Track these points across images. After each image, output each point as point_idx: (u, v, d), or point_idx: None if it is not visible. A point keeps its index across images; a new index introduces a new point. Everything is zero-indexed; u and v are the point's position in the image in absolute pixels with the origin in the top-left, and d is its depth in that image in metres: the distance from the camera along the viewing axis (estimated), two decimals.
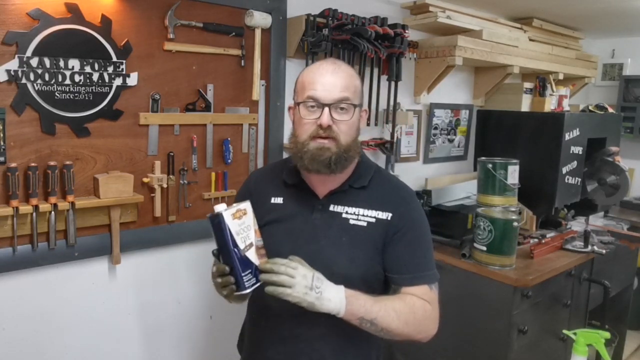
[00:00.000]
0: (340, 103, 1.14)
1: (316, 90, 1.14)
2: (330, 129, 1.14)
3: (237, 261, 1.05)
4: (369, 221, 1.20)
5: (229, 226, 1.04)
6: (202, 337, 2.15)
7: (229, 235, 1.04)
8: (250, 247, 1.07)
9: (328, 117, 1.13)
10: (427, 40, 2.61)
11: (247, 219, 1.09)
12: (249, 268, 1.06)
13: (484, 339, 2.17)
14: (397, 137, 2.60)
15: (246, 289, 1.06)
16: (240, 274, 1.05)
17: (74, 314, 1.78)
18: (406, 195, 1.26)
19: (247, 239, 1.07)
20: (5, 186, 1.54)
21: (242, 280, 1.05)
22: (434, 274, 1.23)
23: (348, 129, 1.16)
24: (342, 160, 1.16)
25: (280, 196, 1.27)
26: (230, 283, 1.06)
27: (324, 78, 1.14)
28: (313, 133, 1.15)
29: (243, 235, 1.07)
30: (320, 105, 1.14)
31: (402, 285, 1.21)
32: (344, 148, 1.15)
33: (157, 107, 1.81)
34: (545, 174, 2.70)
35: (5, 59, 1.50)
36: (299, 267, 1.06)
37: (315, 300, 1.04)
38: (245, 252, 1.06)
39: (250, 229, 1.09)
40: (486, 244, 2.15)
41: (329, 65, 1.17)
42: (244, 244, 1.06)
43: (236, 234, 1.05)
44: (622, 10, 2.75)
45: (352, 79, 1.18)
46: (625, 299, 2.94)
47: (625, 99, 3.62)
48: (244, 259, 1.06)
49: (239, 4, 1.95)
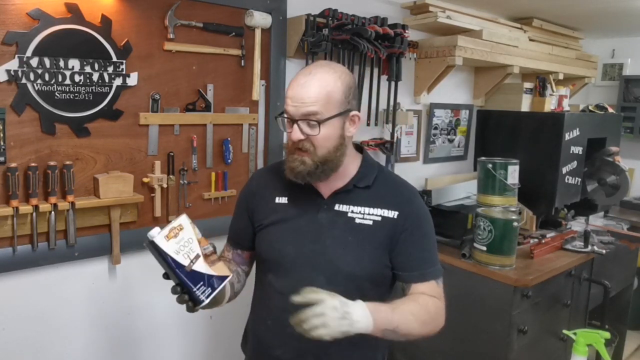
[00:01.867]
0: (307, 118, 1.12)
1: (288, 105, 1.14)
2: (302, 143, 1.14)
3: (185, 279, 1.06)
4: (374, 220, 1.20)
5: (164, 249, 1.05)
6: (202, 337, 2.15)
7: (169, 257, 1.05)
8: (197, 259, 1.08)
9: (297, 133, 1.13)
10: (427, 40, 2.61)
11: (185, 233, 1.08)
12: (200, 280, 1.07)
13: (484, 339, 2.17)
14: (397, 137, 2.60)
15: (203, 302, 1.07)
16: (192, 290, 1.06)
17: (74, 314, 1.78)
18: (410, 193, 1.27)
19: (190, 253, 1.08)
20: (5, 186, 1.54)
21: (196, 294, 1.06)
22: (439, 269, 1.26)
23: (322, 141, 1.14)
24: (318, 172, 1.16)
25: (284, 196, 1.27)
26: (185, 301, 1.08)
27: (295, 91, 1.13)
28: (291, 147, 1.17)
29: (184, 251, 1.07)
30: (291, 121, 1.14)
31: (411, 282, 1.22)
32: (320, 160, 1.15)
33: (157, 107, 1.81)
34: (545, 174, 2.70)
35: (5, 59, 1.50)
36: (326, 300, 1.01)
37: (348, 328, 1.01)
38: (192, 267, 1.07)
39: (192, 241, 1.09)
40: (486, 244, 2.15)
41: (301, 77, 1.13)
42: (188, 259, 1.07)
43: (175, 253, 1.06)
44: (622, 10, 2.75)
45: (325, 88, 1.12)
46: (625, 299, 2.94)
47: (625, 99, 3.62)
48: (191, 274, 1.06)
49: (239, 4, 1.95)
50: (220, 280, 1.11)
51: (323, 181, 1.20)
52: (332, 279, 1.18)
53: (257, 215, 1.30)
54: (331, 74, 1.14)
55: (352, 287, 1.18)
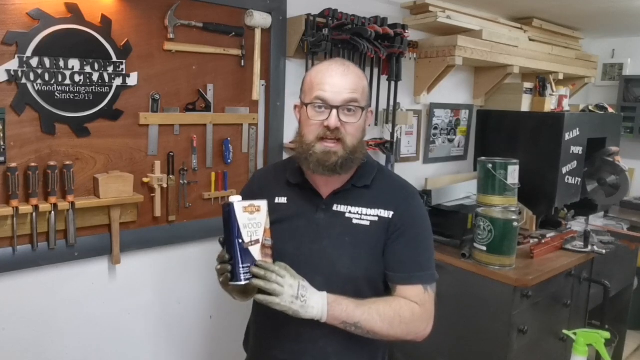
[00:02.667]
0: (348, 105, 1.14)
1: (325, 91, 1.13)
2: (338, 131, 1.14)
3: (238, 252, 1.07)
4: (372, 220, 1.20)
5: (237, 217, 1.07)
6: (202, 337, 2.15)
7: (236, 225, 1.07)
8: (256, 244, 1.09)
9: (336, 119, 1.13)
10: (427, 40, 2.61)
11: (260, 216, 1.11)
12: (249, 262, 1.08)
13: (484, 339, 2.17)
14: (397, 137, 2.60)
15: (241, 280, 1.07)
16: (238, 265, 1.07)
17: (74, 314, 1.78)
18: (408, 194, 1.26)
19: (254, 235, 1.09)
20: (5, 186, 1.54)
21: (239, 271, 1.07)
22: (432, 275, 1.22)
23: (355, 131, 1.16)
24: (348, 163, 1.16)
25: (284, 196, 1.27)
26: (226, 271, 1.09)
27: (333, 79, 1.14)
28: (320, 134, 1.15)
29: (251, 229, 1.09)
30: (329, 107, 1.13)
31: (397, 283, 1.20)
32: (351, 150, 1.16)
33: (157, 107, 1.81)
34: (545, 174, 2.70)
35: (5, 59, 1.50)
36: (287, 277, 1.08)
37: (299, 309, 1.07)
38: (249, 246, 1.08)
39: (261, 226, 1.11)
40: (486, 244, 2.15)
41: (338, 67, 1.16)
42: (250, 238, 1.09)
43: (243, 226, 1.08)
44: (622, 10, 2.75)
45: (360, 80, 1.17)
46: (625, 299, 2.94)
47: (625, 99, 3.61)
48: (245, 251, 1.08)
49: (239, 4, 1.95)
50: None
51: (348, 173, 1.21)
52: (331, 279, 1.18)
53: None
54: (359, 70, 1.20)
55: (350, 288, 1.18)
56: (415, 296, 1.19)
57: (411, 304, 1.17)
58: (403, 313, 1.15)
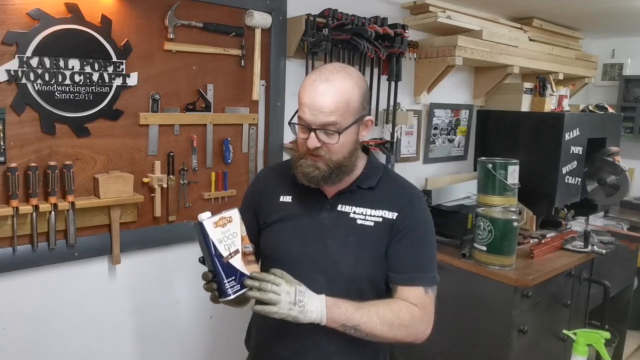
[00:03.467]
0: (325, 128, 1.12)
1: (304, 112, 1.13)
2: (318, 150, 1.14)
3: (220, 269, 1.07)
4: (376, 221, 1.20)
5: (210, 234, 1.07)
6: (202, 337, 2.15)
7: (211, 243, 1.07)
8: (236, 254, 1.09)
9: (314, 140, 1.12)
10: (427, 40, 2.61)
11: (233, 226, 1.10)
12: (233, 275, 1.08)
13: (484, 339, 2.17)
14: (397, 137, 2.60)
15: (229, 296, 1.07)
16: (222, 281, 1.07)
17: (74, 314, 1.78)
18: (413, 196, 1.26)
19: (232, 246, 1.09)
20: (5, 186, 1.54)
21: (225, 287, 1.07)
22: (433, 277, 1.22)
23: (338, 148, 1.14)
24: (332, 177, 1.16)
25: (289, 195, 1.27)
26: (213, 289, 1.08)
27: (313, 99, 1.11)
28: (304, 152, 1.16)
29: (227, 242, 1.08)
30: (307, 129, 1.13)
31: (397, 284, 1.21)
32: (335, 165, 1.16)
33: (157, 107, 1.81)
34: (545, 174, 2.70)
35: (5, 59, 1.50)
36: (282, 284, 1.07)
37: (298, 314, 1.07)
38: (229, 260, 1.08)
39: (237, 235, 1.10)
40: (486, 244, 2.15)
41: (320, 83, 1.11)
42: (228, 251, 1.08)
43: (218, 241, 1.07)
44: (622, 10, 2.75)
45: (342, 96, 1.11)
46: (625, 299, 2.94)
47: (625, 99, 3.61)
48: (227, 266, 1.07)
49: (239, 4, 1.95)
50: None
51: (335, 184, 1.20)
52: (333, 279, 1.18)
53: (262, 213, 1.30)
54: (348, 80, 1.13)
55: (352, 288, 1.19)
56: (416, 298, 1.19)
57: (410, 306, 1.18)
58: (402, 315, 1.15)
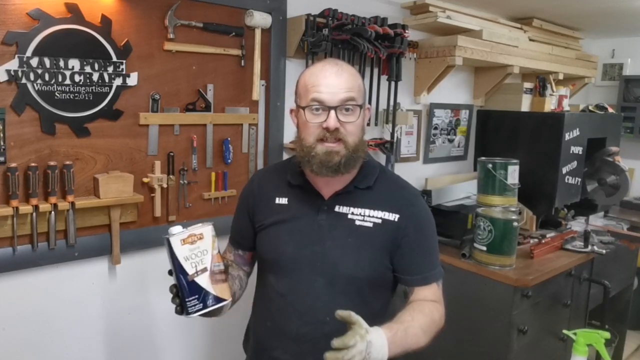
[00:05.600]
0: (345, 104, 1.12)
1: (321, 92, 1.12)
2: (338, 131, 1.12)
3: (184, 286, 1.06)
4: (375, 222, 1.20)
5: (176, 251, 1.05)
6: (202, 336, 2.15)
7: (176, 260, 1.06)
8: (203, 272, 1.07)
9: (335, 120, 1.11)
10: (427, 40, 2.61)
11: (203, 244, 1.07)
12: (196, 294, 1.06)
13: (484, 339, 2.17)
14: (397, 137, 2.60)
15: (188, 314, 1.06)
16: (184, 299, 1.06)
17: (74, 314, 1.78)
18: (412, 196, 1.26)
19: (199, 264, 1.07)
20: (5, 186, 1.54)
21: (186, 304, 1.06)
22: (440, 271, 1.27)
23: (355, 129, 1.15)
24: (351, 162, 1.15)
25: (284, 197, 1.26)
26: (176, 304, 1.09)
27: (328, 80, 1.12)
28: (319, 136, 1.13)
29: (194, 260, 1.07)
30: (326, 108, 1.12)
31: (413, 285, 1.23)
32: (352, 149, 1.14)
33: (157, 107, 1.81)
34: (545, 174, 2.70)
35: (5, 59, 1.50)
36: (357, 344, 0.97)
37: None
38: (194, 278, 1.06)
39: (207, 253, 1.08)
40: (486, 244, 2.15)
41: (331, 67, 1.14)
42: (194, 269, 1.06)
43: (184, 259, 1.06)
44: (622, 10, 2.75)
45: (355, 78, 1.16)
46: (625, 299, 2.94)
47: (625, 99, 3.61)
48: (191, 284, 1.06)
49: (239, 4, 1.95)
50: (216, 301, 1.09)
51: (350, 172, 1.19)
52: (332, 281, 1.18)
53: (258, 216, 1.29)
54: (352, 68, 1.19)
55: (352, 290, 1.18)
56: (433, 294, 1.23)
57: (435, 304, 1.22)
58: (434, 315, 1.19)
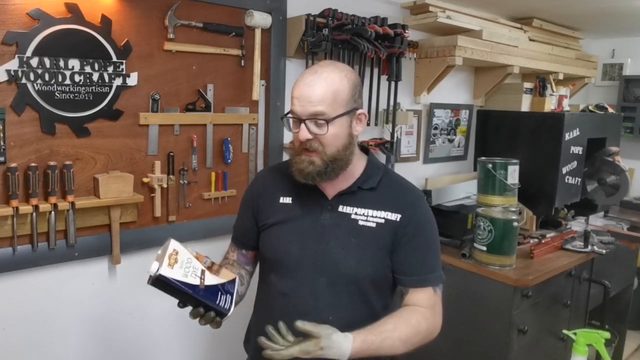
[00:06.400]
0: (314, 118, 1.12)
1: (294, 105, 1.14)
2: (310, 143, 1.13)
3: (203, 298, 1.05)
4: (378, 222, 1.20)
5: (173, 278, 1.03)
6: (202, 336, 2.15)
7: (179, 283, 1.03)
8: (204, 274, 1.08)
9: (305, 132, 1.12)
10: (427, 40, 2.61)
11: (182, 255, 1.08)
12: (217, 292, 1.07)
13: (484, 339, 2.17)
14: (397, 137, 2.60)
15: (229, 310, 1.06)
16: (215, 305, 1.06)
17: (74, 314, 1.78)
18: (415, 197, 1.26)
19: (196, 271, 1.07)
20: (5, 186, 1.54)
21: (220, 307, 1.06)
22: (440, 276, 1.25)
23: (331, 140, 1.14)
24: (327, 172, 1.16)
25: (289, 196, 1.27)
26: (212, 318, 1.08)
27: (301, 91, 1.13)
28: (299, 147, 1.16)
29: (189, 270, 1.06)
30: (298, 121, 1.14)
31: (408, 286, 1.22)
32: (329, 159, 1.14)
33: (157, 107, 1.81)
34: (545, 174, 2.70)
35: (5, 59, 1.50)
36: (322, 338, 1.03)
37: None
38: (204, 283, 1.06)
39: (192, 260, 1.08)
40: (486, 244, 2.15)
41: (307, 77, 1.14)
42: (198, 277, 1.06)
43: (184, 276, 1.04)
44: (622, 10, 2.75)
45: (331, 87, 1.12)
46: (625, 299, 2.94)
47: (625, 99, 3.61)
48: (206, 290, 1.06)
49: (239, 4, 1.95)
50: (232, 283, 1.11)
51: (332, 180, 1.19)
52: (334, 280, 1.18)
53: (262, 215, 1.30)
54: (337, 72, 1.14)
55: (354, 289, 1.19)
56: (427, 299, 1.21)
57: (425, 312, 1.19)
58: (421, 326, 1.16)
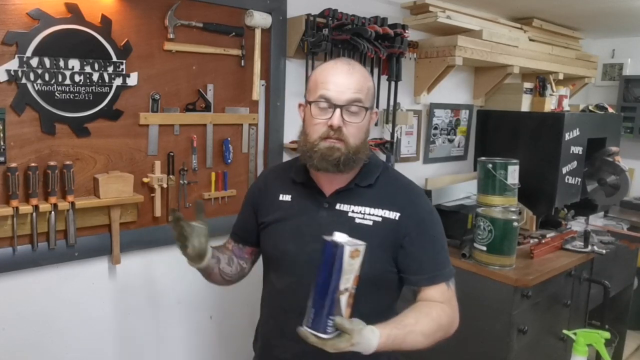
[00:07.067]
0: (351, 105, 1.13)
1: (329, 90, 1.12)
2: (340, 131, 1.13)
3: (329, 301, 0.95)
4: (375, 220, 1.19)
5: (344, 263, 0.94)
6: (202, 337, 2.15)
7: (338, 272, 0.94)
8: (345, 292, 0.96)
9: (339, 119, 1.12)
10: (427, 40, 2.61)
11: (357, 262, 0.97)
12: (333, 313, 0.95)
13: (484, 339, 2.17)
14: (397, 137, 2.60)
15: (326, 333, 0.94)
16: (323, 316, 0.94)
17: (74, 314, 1.78)
18: (414, 194, 1.26)
19: (347, 282, 0.96)
20: (5, 186, 1.54)
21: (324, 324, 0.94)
22: (450, 271, 1.24)
23: (357, 131, 1.15)
24: (350, 162, 1.15)
25: (288, 194, 1.27)
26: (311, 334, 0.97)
27: (338, 78, 1.13)
28: (323, 134, 1.14)
29: (347, 276, 0.96)
30: (332, 106, 1.12)
31: (420, 286, 1.21)
32: (353, 150, 1.15)
33: (157, 107, 1.81)
34: (545, 174, 2.70)
35: (5, 59, 1.50)
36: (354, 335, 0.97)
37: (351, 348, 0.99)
38: (340, 295, 0.96)
39: (354, 272, 0.97)
40: (486, 244, 2.15)
41: (343, 65, 1.15)
42: (344, 287, 0.95)
43: (345, 272, 0.95)
44: (622, 10, 2.75)
45: (365, 80, 1.16)
46: (625, 299, 2.94)
47: (625, 99, 3.61)
48: (335, 301, 0.95)
49: (239, 4, 1.95)
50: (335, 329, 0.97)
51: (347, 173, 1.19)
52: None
53: (261, 212, 1.30)
54: (365, 70, 1.19)
55: None
56: (441, 295, 1.20)
57: (443, 306, 1.18)
58: (442, 321, 1.16)
